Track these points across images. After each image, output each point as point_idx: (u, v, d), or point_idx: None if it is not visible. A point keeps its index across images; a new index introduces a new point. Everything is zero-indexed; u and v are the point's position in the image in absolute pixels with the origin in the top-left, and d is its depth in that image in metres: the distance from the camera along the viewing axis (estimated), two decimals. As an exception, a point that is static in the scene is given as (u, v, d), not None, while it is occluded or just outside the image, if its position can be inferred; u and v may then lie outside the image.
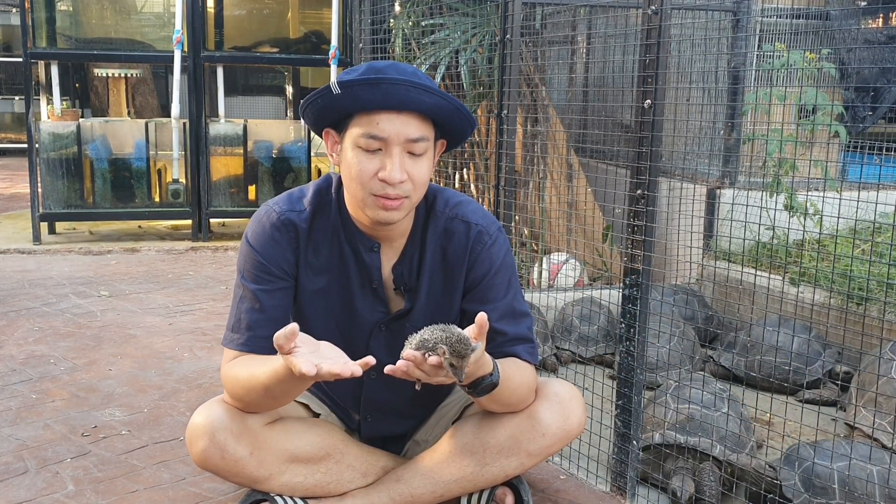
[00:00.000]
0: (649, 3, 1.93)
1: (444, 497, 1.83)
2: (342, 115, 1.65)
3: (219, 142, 5.59)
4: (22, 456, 2.24)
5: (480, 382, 1.61)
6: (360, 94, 1.59)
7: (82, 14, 5.67)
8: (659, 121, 1.97)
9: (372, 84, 1.58)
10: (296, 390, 1.67)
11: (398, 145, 1.61)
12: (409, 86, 1.59)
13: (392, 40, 4.16)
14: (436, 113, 1.64)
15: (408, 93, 1.59)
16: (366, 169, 1.62)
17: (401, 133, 1.61)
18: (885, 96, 4.31)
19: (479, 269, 1.77)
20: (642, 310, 2.01)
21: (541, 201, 4.19)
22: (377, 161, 1.62)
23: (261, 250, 1.74)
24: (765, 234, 3.11)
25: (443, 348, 1.46)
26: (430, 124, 1.66)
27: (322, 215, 1.77)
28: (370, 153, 1.62)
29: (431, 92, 1.61)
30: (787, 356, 2.76)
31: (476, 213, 1.80)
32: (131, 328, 3.49)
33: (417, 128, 1.62)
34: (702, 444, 2.05)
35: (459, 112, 1.66)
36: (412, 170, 1.63)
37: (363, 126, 1.61)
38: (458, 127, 1.70)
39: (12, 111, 10.98)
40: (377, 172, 1.61)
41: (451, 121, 1.68)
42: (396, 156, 1.61)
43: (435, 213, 1.78)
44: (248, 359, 1.71)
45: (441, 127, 1.69)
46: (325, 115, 1.67)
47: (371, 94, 1.58)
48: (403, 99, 1.59)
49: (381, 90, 1.58)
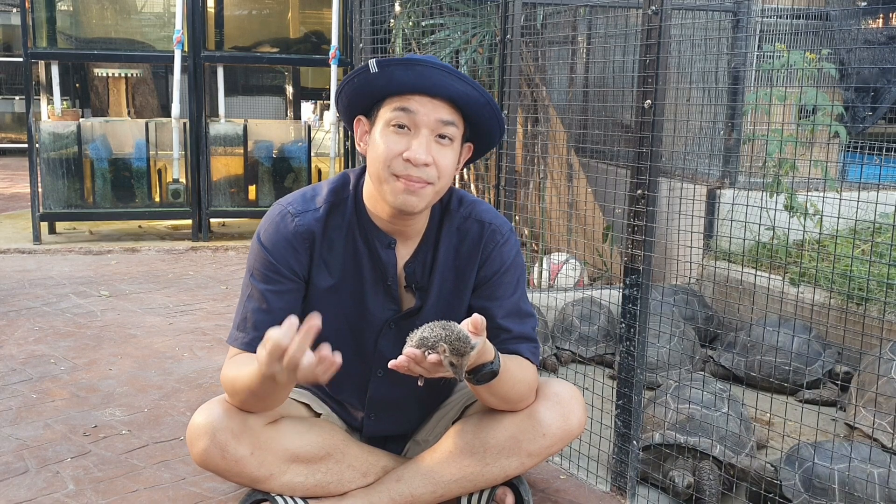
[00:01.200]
0: (649, 3, 1.93)
1: (445, 497, 1.83)
2: (376, 98, 1.67)
3: (219, 142, 5.59)
4: (22, 455, 2.24)
5: (481, 370, 1.62)
6: (396, 74, 1.61)
7: (82, 14, 5.67)
8: (659, 121, 1.97)
9: (408, 65, 1.61)
10: (277, 392, 1.64)
11: (427, 127, 1.62)
12: (445, 71, 1.61)
13: (392, 40, 4.16)
14: (466, 102, 1.65)
15: (442, 77, 1.61)
16: (392, 148, 1.63)
17: (431, 114, 1.62)
18: (885, 96, 4.31)
19: (489, 267, 1.79)
20: (642, 310, 2.01)
21: (541, 201, 4.19)
22: (404, 141, 1.63)
23: (273, 251, 1.74)
24: (765, 234, 3.11)
25: (443, 346, 1.46)
26: (460, 115, 1.67)
27: (337, 212, 1.77)
28: (398, 134, 1.63)
29: (465, 80, 1.63)
30: (787, 356, 2.76)
31: (489, 212, 1.82)
32: (131, 328, 3.49)
33: (447, 113, 1.64)
34: (701, 443, 2.05)
35: (490, 107, 1.68)
36: (438, 156, 1.64)
37: (395, 103, 1.63)
38: (486, 126, 1.72)
39: (12, 111, 10.99)
40: (403, 152, 1.62)
41: (481, 116, 1.69)
42: (424, 136, 1.62)
43: (449, 213, 1.80)
44: (245, 357, 1.71)
45: (470, 122, 1.70)
46: (360, 98, 1.69)
47: (406, 75, 1.61)
48: (437, 82, 1.61)
49: (415, 72, 1.60)
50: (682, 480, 2.01)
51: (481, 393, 1.71)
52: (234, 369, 1.69)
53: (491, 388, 1.67)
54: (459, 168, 1.76)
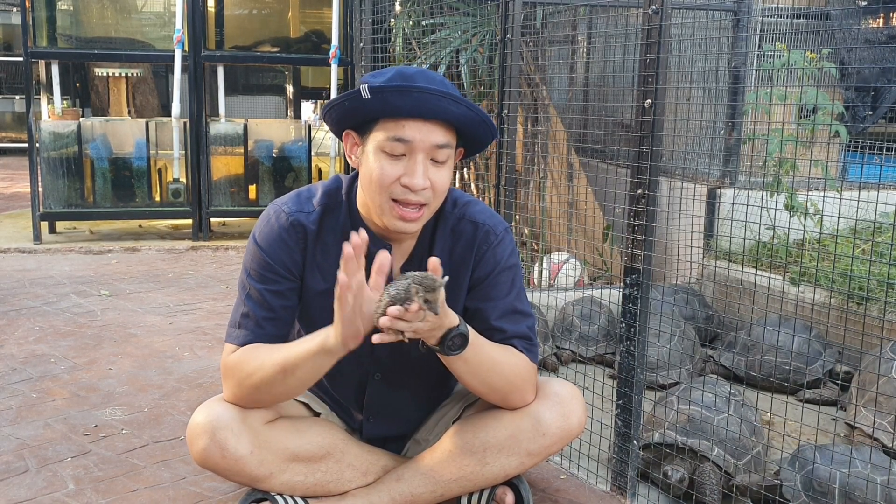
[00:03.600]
0: (650, 2, 1.93)
1: (445, 496, 1.83)
2: (368, 119, 1.65)
3: (219, 141, 5.59)
4: (22, 455, 2.24)
5: (448, 334, 1.59)
6: (391, 100, 1.59)
7: (83, 13, 5.67)
8: (659, 120, 1.97)
9: (403, 92, 1.58)
10: (323, 369, 1.66)
11: (422, 152, 1.62)
12: (441, 95, 1.59)
13: (392, 40, 4.16)
14: (462, 123, 1.65)
15: (438, 102, 1.60)
16: (388, 173, 1.62)
17: (426, 140, 1.61)
18: (886, 96, 4.31)
19: (483, 268, 1.78)
20: (643, 309, 2.01)
21: (541, 201, 4.19)
22: (400, 167, 1.62)
23: (268, 250, 1.74)
24: (765, 233, 3.11)
25: (414, 287, 1.48)
26: (454, 133, 1.67)
27: (331, 216, 1.77)
28: (394, 158, 1.62)
29: (461, 103, 1.62)
30: (787, 356, 2.76)
31: (483, 212, 1.82)
32: (132, 327, 3.49)
33: (443, 135, 1.64)
34: (701, 445, 2.05)
35: (485, 124, 1.68)
36: (434, 177, 1.64)
37: (389, 130, 1.62)
38: (480, 137, 1.72)
39: (13, 110, 10.98)
40: (400, 178, 1.62)
41: (476, 131, 1.69)
42: (420, 162, 1.62)
43: (444, 215, 1.79)
44: (262, 346, 1.71)
45: (463, 136, 1.70)
46: (350, 118, 1.67)
47: (402, 101, 1.59)
48: (433, 108, 1.60)
49: (412, 98, 1.59)
50: (675, 475, 2.01)
51: (459, 370, 1.68)
52: (258, 353, 1.69)
53: (468, 363, 1.65)
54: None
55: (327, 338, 1.60)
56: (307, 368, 1.65)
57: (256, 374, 1.68)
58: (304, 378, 1.68)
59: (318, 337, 1.63)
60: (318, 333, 1.63)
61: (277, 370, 1.66)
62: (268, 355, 1.68)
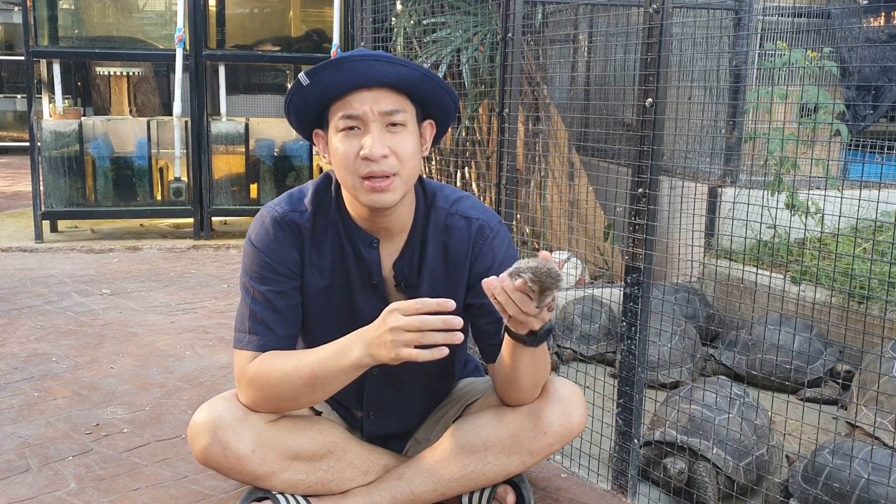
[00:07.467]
0: (651, 1, 1.93)
1: (446, 495, 1.84)
2: (320, 109, 1.67)
3: (220, 140, 5.60)
4: (24, 454, 2.24)
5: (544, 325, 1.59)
6: (326, 78, 1.61)
7: (84, 12, 5.67)
8: (660, 119, 1.97)
9: (335, 66, 1.61)
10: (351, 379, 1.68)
11: (374, 121, 1.62)
12: (371, 60, 1.61)
13: (393, 38, 4.16)
14: (406, 83, 1.65)
15: (371, 67, 1.61)
16: (348, 151, 1.63)
17: (375, 108, 1.62)
18: (887, 95, 4.31)
19: (482, 263, 1.78)
20: (644, 308, 2.01)
21: (542, 200, 4.19)
22: (357, 141, 1.63)
23: (266, 251, 1.74)
24: (766, 232, 3.11)
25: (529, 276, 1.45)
26: (406, 98, 1.67)
27: (322, 214, 1.77)
28: (350, 136, 1.63)
29: (395, 62, 1.63)
30: (788, 355, 2.76)
31: (475, 207, 1.81)
32: (133, 326, 3.50)
33: (390, 101, 1.63)
34: (701, 444, 2.05)
35: (430, 80, 1.67)
36: (394, 144, 1.63)
37: (339, 110, 1.64)
38: (436, 99, 1.71)
39: (14, 110, 10.98)
40: (359, 152, 1.62)
41: (425, 91, 1.68)
42: (375, 131, 1.62)
43: (436, 209, 1.79)
44: (282, 355, 1.71)
45: (419, 102, 1.69)
46: (305, 113, 1.69)
47: (336, 76, 1.61)
48: (368, 73, 1.61)
49: (344, 70, 1.61)
50: (674, 467, 2.01)
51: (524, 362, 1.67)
52: (270, 364, 1.69)
53: (534, 356, 1.66)
54: (428, 147, 1.75)
55: (361, 358, 1.60)
56: (339, 382, 1.67)
57: (282, 386, 1.69)
58: (332, 390, 1.70)
59: (352, 354, 1.62)
60: (347, 349, 1.63)
61: (305, 383, 1.67)
62: (293, 368, 1.68)
